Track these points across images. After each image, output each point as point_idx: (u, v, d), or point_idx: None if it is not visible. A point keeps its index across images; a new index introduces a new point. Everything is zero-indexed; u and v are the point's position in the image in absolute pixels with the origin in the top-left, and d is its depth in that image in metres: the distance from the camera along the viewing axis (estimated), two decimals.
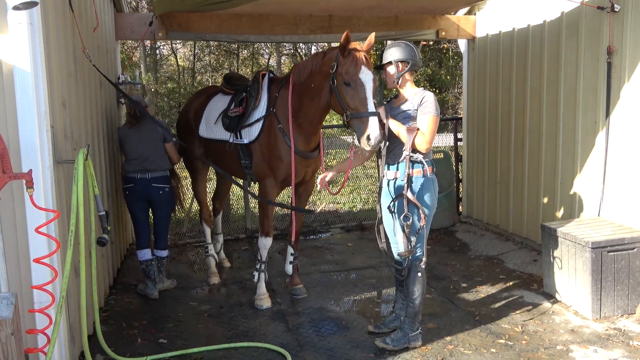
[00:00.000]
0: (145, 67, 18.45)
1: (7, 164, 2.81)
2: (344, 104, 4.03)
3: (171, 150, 5.22)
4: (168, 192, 5.19)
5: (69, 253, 3.19)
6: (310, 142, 4.73)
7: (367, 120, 3.87)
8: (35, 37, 3.04)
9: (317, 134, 4.77)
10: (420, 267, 3.94)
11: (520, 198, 6.43)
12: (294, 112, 4.60)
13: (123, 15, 6.61)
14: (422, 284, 3.95)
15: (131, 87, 6.20)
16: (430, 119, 3.81)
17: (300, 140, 4.65)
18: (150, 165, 5.05)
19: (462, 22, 7.21)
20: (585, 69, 5.27)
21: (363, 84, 3.97)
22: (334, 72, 4.08)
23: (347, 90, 4.01)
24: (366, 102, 3.93)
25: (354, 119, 3.95)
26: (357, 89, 3.97)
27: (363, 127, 3.88)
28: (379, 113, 3.92)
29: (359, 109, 3.93)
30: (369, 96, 3.95)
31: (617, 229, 4.63)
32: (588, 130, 5.28)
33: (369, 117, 3.87)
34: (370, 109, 3.91)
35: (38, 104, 3.06)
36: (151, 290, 5.15)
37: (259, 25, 6.57)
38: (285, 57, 21.35)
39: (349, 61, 4.00)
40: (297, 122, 4.61)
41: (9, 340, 2.62)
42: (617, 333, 4.18)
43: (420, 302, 3.98)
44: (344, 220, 8.11)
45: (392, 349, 3.97)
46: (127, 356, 3.94)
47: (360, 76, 3.97)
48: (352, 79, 3.97)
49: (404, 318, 4.05)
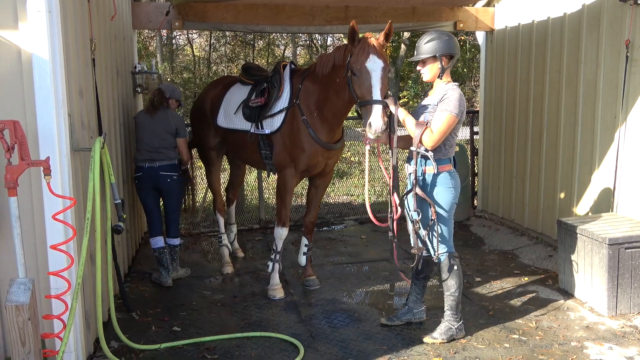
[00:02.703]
0: (162, 56, 18.51)
1: (25, 152, 2.84)
2: (354, 93, 4.07)
3: (182, 146, 5.21)
4: (176, 180, 5.19)
5: (85, 240, 3.22)
6: (334, 133, 4.73)
7: (370, 107, 3.89)
8: (54, 25, 3.06)
9: (341, 125, 4.77)
10: (454, 260, 3.95)
11: (536, 193, 6.36)
12: (318, 104, 4.59)
13: (140, 4, 6.63)
14: (458, 277, 3.96)
15: (147, 76, 6.23)
16: (445, 117, 3.72)
17: (324, 131, 4.64)
18: (158, 156, 5.07)
19: (481, 14, 7.12)
20: (606, 63, 5.18)
21: (369, 72, 3.98)
22: (348, 62, 4.11)
23: (356, 79, 4.04)
24: (371, 89, 3.95)
25: (361, 107, 4.01)
26: (363, 77, 3.99)
27: (367, 114, 3.91)
28: (384, 101, 3.90)
29: (365, 97, 3.97)
30: (374, 84, 3.96)
31: (635, 225, 4.56)
32: (607, 125, 5.20)
33: (373, 105, 3.89)
34: (374, 97, 3.92)
35: (56, 92, 3.09)
36: (165, 279, 5.19)
37: (275, 16, 6.55)
38: (301, 48, 21.30)
39: (357, 50, 4.04)
40: (322, 114, 4.60)
41: (26, 325, 2.66)
42: (633, 330, 4.13)
43: (459, 295, 3.99)
44: (358, 213, 8.10)
45: (442, 342, 3.97)
46: (141, 343, 3.98)
47: (367, 64, 3.98)
48: (359, 67, 4.01)
49: (446, 311, 4.03)
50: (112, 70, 5.14)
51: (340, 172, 10.15)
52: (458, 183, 3.93)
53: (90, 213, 3.31)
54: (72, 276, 3.21)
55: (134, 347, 3.89)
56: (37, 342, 2.75)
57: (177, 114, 5.34)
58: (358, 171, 9.92)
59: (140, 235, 6.66)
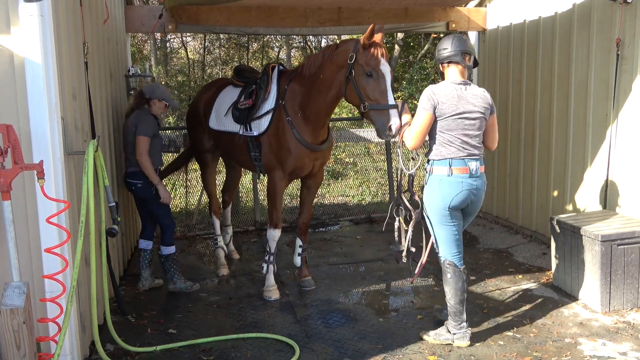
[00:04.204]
0: (156, 60, 18.50)
1: (18, 155, 2.85)
2: (363, 95, 4.10)
3: (137, 143, 4.74)
4: (141, 188, 4.88)
5: (80, 243, 3.23)
6: (319, 134, 4.74)
7: (387, 112, 3.98)
8: (46, 29, 3.07)
9: (325, 126, 4.78)
10: (446, 267, 3.86)
11: (529, 191, 6.39)
12: (302, 104, 4.61)
13: (133, 8, 6.63)
14: (451, 285, 3.84)
15: (141, 79, 6.23)
16: (417, 114, 3.74)
17: (308, 132, 4.66)
18: (127, 162, 4.95)
19: (473, 14, 7.15)
20: (597, 62, 5.22)
21: (384, 75, 4.07)
22: (352, 63, 4.13)
23: (367, 82, 4.09)
24: (386, 93, 4.04)
25: (373, 111, 4.04)
26: (378, 80, 4.07)
27: (384, 118, 3.98)
28: (397, 105, 3.98)
29: (379, 101, 4.03)
30: (389, 88, 4.06)
31: (627, 222, 4.60)
32: (599, 123, 5.24)
33: (389, 109, 3.97)
34: (390, 101, 4.02)
35: (49, 96, 3.10)
36: (141, 282, 5.16)
37: (268, 18, 6.56)
38: (295, 50, 21.31)
39: (369, 53, 4.09)
40: (305, 115, 4.62)
41: (20, 329, 2.66)
42: (626, 326, 4.16)
43: (457, 304, 3.84)
44: (353, 213, 8.12)
45: (433, 342, 3.94)
46: (137, 346, 3.98)
47: (381, 68, 4.08)
48: (373, 70, 4.07)
49: (449, 317, 3.96)
50: (106, 74, 5.15)
51: (335, 173, 10.16)
52: (452, 190, 3.69)
53: (85, 216, 3.32)
54: (67, 279, 3.21)
55: (130, 349, 3.89)
56: (33, 346, 2.75)
57: (143, 113, 4.88)
58: (353, 172, 9.94)
59: (136, 238, 6.65)
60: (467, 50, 3.78)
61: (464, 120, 3.69)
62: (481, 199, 3.86)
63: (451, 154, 3.71)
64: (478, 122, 3.74)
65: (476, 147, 3.74)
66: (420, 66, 15.87)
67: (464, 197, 3.73)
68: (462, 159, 3.70)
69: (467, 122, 3.70)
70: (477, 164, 3.73)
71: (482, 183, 3.80)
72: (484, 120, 3.78)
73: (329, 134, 4.92)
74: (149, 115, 4.91)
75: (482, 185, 3.80)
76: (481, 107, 3.74)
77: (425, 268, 5.60)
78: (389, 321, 4.41)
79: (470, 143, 3.71)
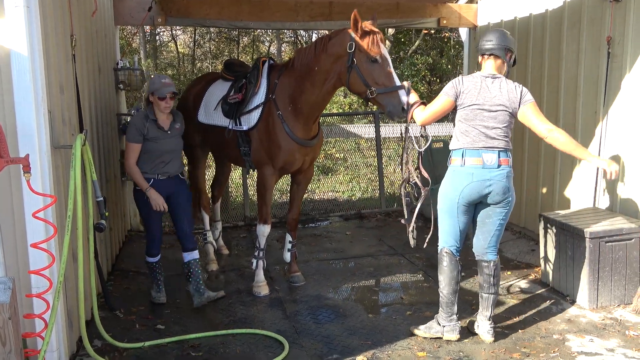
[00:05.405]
0: (145, 53, 18.35)
1: (4, 149, 2.80)
2: (368, 82, 4.15)
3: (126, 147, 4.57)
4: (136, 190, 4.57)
5: (67, 238, 3.19)
6: (310, 129, 4.71)
7: (396, 93, 4.07)
8: (32, 20, 3.02)
9: (316, 121, 4.75)
10: (443, 255, 3.91)
11: (519, 187, 6.40)
12: (293, 98, 4.58)
13: (122, 0, 6.56)
14: (446, 274, 3.87)
15: (130, 72, 6.17)
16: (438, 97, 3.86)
17: (299, 127, 4.63)
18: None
19: (464, 10, 7.16)
20: (587, 59, 5.24)
21: (386, 58, 4.17)
22: (353, 52, 4.18)
23: (372, 67, 4.16)
24: (392, 76, 4.15)
25: (381, 94, 4.12)
26: (382, 64, 4.15)
27: (394, 100, 4.07)
28: (404, 85, 4.09)
29: (386, 84, 4.12)
30: (393, 70, 4.17)
31: (615, 220, 4.63)
32: (588, 121, 5.27)
33: (398, 90, 4.08)
34: (397, 83, 4.12)
35: (35, 89, 3.05)
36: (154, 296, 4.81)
37: (259, 12, 6.53)
38: (286, 45, 21.24)
39: (369, 39, 4.16)
40: (297, 109, 4.59)
41: (6, 325, 2.62)
42: (614, 323, 4.20)
43: (449, 293, 3.86)
44: (343, 209, 8.11)
45: (423, 336, 3.95)
46: (125, 342, 3.95)
47: (383, 52, 4.17)
48: (377, 55, 4.14)
49: (440, 308, 3.97)
50: (94, 67, 5.09)
51: (325, 168, 10.15)
52: (463, 181, 3.72)
53: (72, 211, 3.28)
54: (54, 274, 3.18)
55: (118, 345, 3.86)
56: (18, 342, 2.71)
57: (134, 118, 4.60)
58: (343, 168, 9.94)
59: (124, 233, 6.60)
60: (509, 47, 3.82)
61: (482, 112, 3.69)
62: (504, 190, 3.76)
63: (466, 144, 3.73)
64: (500, 114, 3.70)
65: (496, 139, 3.70)
66: (410, 62, 15.89)
67: (474, 188, 3.72)
68: (476, 149, 3.70)
69: (485, 113, 3.69)
70: (494, 155, 3.69)
71: (502, 175, 3.72)
72: (507, 113, 3.72)
73: (320, 130, 4.90)
74: (140, 119, 4.51)
75: (501, 177, 3.72)
76: (505, 100, 3.70)
77: (415, 264, 5.63)
78: (378, 317, 4.41)
79: (489, 135, 3.69)
